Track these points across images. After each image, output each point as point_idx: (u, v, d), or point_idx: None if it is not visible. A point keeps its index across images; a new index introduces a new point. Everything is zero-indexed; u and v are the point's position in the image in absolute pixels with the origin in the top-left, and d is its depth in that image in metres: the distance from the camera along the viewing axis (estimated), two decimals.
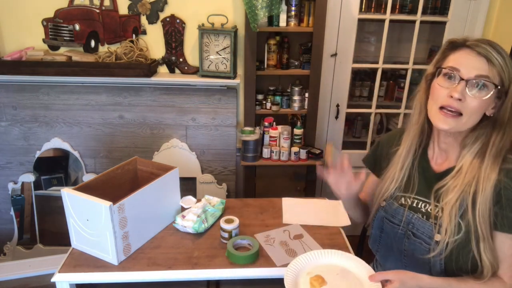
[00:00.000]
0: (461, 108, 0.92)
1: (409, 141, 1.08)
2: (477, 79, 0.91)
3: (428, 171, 1.07)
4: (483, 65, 0.91)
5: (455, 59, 0.95)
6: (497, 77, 0.91)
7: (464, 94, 0.91)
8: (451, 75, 0.94)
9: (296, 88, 2.45)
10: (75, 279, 1.35)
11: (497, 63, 0.90)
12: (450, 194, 0.97)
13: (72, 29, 2.24)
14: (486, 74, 0.90)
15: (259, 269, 1.39)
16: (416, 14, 2.50)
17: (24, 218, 2.58)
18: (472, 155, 0.96)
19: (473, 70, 0.91)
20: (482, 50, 0.92)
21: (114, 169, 1.61)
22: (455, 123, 0.94)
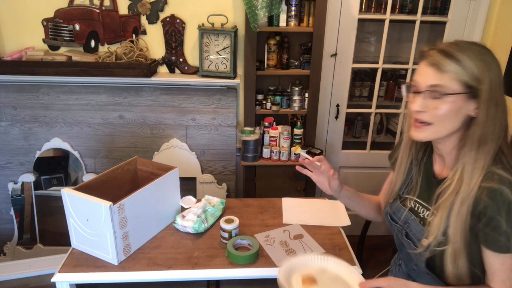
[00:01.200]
0: (427, 118, 0.94)
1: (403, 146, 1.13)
2: (429, 89, 0.92)
3: (430, 175, 1.09)
4: (434, 74, 0.92)
5: (417, 72, 0.98)
6: (453, 82, 0.91)
7: (425, 105, 0.93)
8: (413, 89, 0.97)
9: (296, 88, 2.45)
10: (75, 279, 1.35)
11: (449, 69, 0.90)
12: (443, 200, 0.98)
13: (72, 29, 2.24)
14: (437, 83, 0.91)
15: (259, 269, 1.39)
16: (416, 14, 2.50)
17: (24, 218, 2.58)
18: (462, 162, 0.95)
19: (425, 81, 0.93)
20: (432, 59, 0.92)
21: (114, 169, 1.61)
22: (427, 132, 0.96)
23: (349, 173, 2.89)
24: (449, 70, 0.90)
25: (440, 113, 0.92)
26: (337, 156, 2.84)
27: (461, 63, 0.90)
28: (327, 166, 1.19)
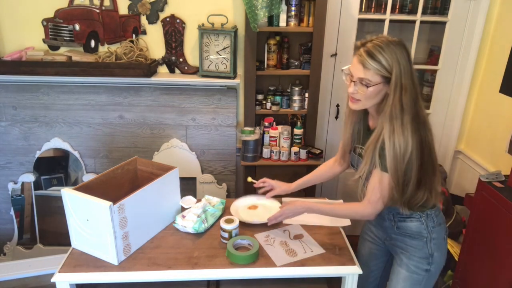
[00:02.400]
0: (358, 96, 1.34)
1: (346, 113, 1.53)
2: (358, 79, 1.31)
3: (366, 129, 1.50)
4: (361, 70, 1.29)
5: (352, 63, 1.33)
6: (375, 75, 1.28)
7: (356, 89, 1.33)
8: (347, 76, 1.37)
9: (296, 88, 2.45)
10: (75, 279, 1.35)
11: (370, 67, 1.27)
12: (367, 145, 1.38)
13: (72, 29, 2.24)
14: (363, 77, 1.29)
15: (259, 269, 1.39)
16: (416, 14, 2.50)
17: (24, 218, 2.58)
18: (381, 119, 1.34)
19: (355, 74, 1.31)
20: (360, 58, 1.28)
21: (114, 169, 1.61)
22: (357, 105, 1.37)
23: (349, 173, 2.88)
24: (371, 67, 1.27)
25: (365, 95, 1.32)
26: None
27: (379, 62, 1.26)
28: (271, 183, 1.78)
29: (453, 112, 2.72)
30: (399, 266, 1.50)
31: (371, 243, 1.66)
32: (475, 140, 2.63)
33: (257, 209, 1.75)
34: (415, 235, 1.45)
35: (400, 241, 1.50)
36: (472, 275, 2.04)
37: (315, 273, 1.40)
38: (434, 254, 1.45)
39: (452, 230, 2.30)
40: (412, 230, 1.45)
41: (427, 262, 1.45)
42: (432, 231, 1.45)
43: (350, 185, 2.92)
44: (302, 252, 1.46)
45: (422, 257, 1.45)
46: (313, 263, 1.41)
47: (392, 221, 1.50)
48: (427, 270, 1.46)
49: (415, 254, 1.46)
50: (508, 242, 1.79)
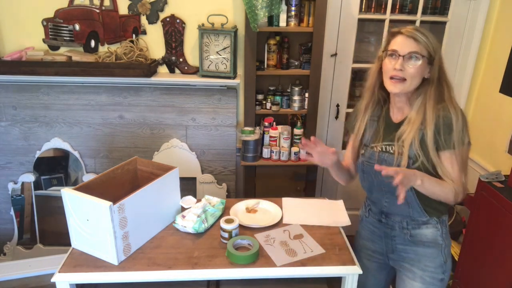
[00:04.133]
0: (404, 75, 1.29)
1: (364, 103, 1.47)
2: (409, 54, 1.28)
3: (390, 124, 1.42)
4: (412, 44, 1.28)
5: (394, 43, 1.32)
6: (424, 50, 1.28)
7: (403, 65, 1.28)
8: (392, 54, 1.31)
9: (296, 88, 2.45)
10: (75, 279, 1.35)
11: (421, 40, 1.27)
12: (407, 135, 1.33)
13: (72, 29, 2.24)
14: (415, 50, 1.28)
15: (259, 269, 1.39)
16: (416, 14, 2.50)
17: (24, 218, 2.58)
18: (417, 106, 1.34)
19: (405, 48, 1.29)
20: (410, 33, 1.28)
21: (114, 169, 1.61)
22: (402, 86, 1.31)
23: None
24: (422, 41, 1.28)
25: (413, 71, 1.28)
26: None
27: (428, 37, 1.29)
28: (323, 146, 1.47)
29: None
30: (411, 279, 1.43)
31: (368, 261, 1.58)
32: (475, 140, 2.60)
33: (257, 213, 1.75)
34: (430, 243, 1.40)
35: (411, 252, 1.43)
36: (472, 275, 2.04)
37: (315, 273, 1.40)
38: (447, 262, 1.41)
39: (452, 230, 2.29)
40: (428, 238, 1.40)
41: (442, 271, 1.40)
42: (446, 237, 1.41)
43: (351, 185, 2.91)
44: (302, 252, 1.46)
45: (437, 266, 1.40)
46: (313, 263, 1.41)
47: (404, 229, 1.42)
48: (441, 279, 1.41)
49: (429, 264, 1.40)
50: (508, 242, 1.79)
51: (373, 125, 1.46)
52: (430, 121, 1.30)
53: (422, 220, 1.40)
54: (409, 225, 1.42)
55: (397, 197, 1.17)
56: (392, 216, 1.45)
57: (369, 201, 1.57)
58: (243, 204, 1.78)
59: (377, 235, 1.52)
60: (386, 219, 1.47)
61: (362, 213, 1.63)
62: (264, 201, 1.80)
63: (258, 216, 1.71)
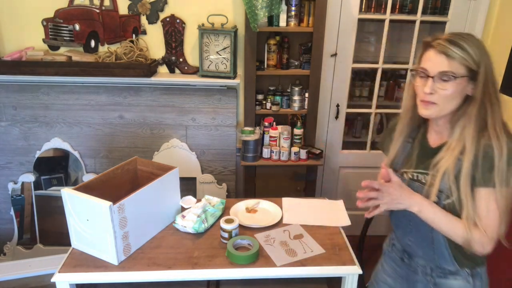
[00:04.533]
0: (435, 99, 1.10)
1: (400, 125, 1.28)
2: (439, 74, 1.08)
3: (426, 148, 1.24)
4: (443, 61, 1.07)
5: (424, 59, 1.13)
6: (460, 66, 1.06)
7: (433, 88, 1.09)
8: (422, 74, 1.12)
9: (296, 88, 2.45)
10: (75, 279, 1.35)
11: (456, 55, 1.05)
12: (442, 164, 1.14)
13: (72, 29, 2.24)
14: (446, 70, 1.06)
15: (259, 269, 1.39)
16: (416, 14, 2.50)
17: (24, 218, 2.58)
18: (459, 130, 1.13)
19: (436, 67, 1.08)
20: (441, 48, 1.07)
21: (114, 169, 1.61)
22: (433, 110, 1.12)
23: (349, 173, 2.89)
24: (456, 56, 1.05)
25: (446, 94, 1.08)
26: (337, 156, 2.84)
27: (465, 50, 1.05)
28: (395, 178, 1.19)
29: None
30: None
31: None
32: None
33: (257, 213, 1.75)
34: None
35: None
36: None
37: (315, 273, 1.40)
38: None
39: None
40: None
41: None
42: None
43: (351, 186, 2.92)
44: (302, 252, 1.46)
45: None
46: (313, 263, 1.41)
47: (428, 276, 1.26)
48: None
49: None
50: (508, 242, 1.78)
51: (406, 147, 1.28)
52: (469, 150, 1.09)
53: (449, 269, 1.20)
54: (433, 272, 1.23)
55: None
56: (416, 258, 1.29)
57: (394, 235, 1.42)
58: (243, 204, 1.78)
59: (399, 275, 1.38)
60: (409, 260, 1.32)
61: (386, 246, 1.49)
62: (264, 201, 1.80)
63: (258, 216, 1.71)
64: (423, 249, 1.23)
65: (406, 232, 1.29)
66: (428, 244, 1.21)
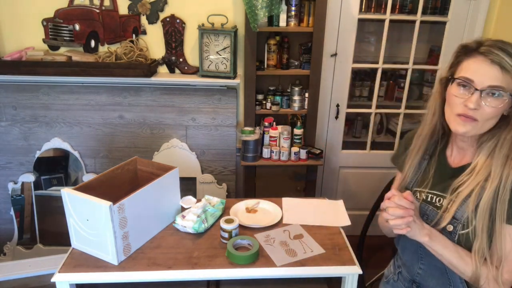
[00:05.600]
0: (477, 116, 0.95)
1: (420, 139, 1.13)
2: (490, 89, 0.92)
3: (445, 167, 1.10)
4: (497, 74, 0.92)
5: (469, 67, 0.96)
6: (511, 82, 0.92)
7: (479, 103, 0.93)
8: (465, 84, 0.96)
9: (296, 88, 2.45)
10: (75, 279, 1.35)
11: (510, 69, 0.91)
12: (463, 189, 1.01)
13: (72, 29, 2.24)
14: (500, 85, 0.92)
15: (259, 269, 1.39)
16: (416, 14, 2.50)
17: (24, 218, 2.58)
18: (487, 152, 1.00)
19: (486, 80, 0.92)
20: (496, 57, 0.91)
21: (114, 169, 1.61)
22: (471, 127, 0.97)
23: (349, 173, 2.89)
24: (511, 69, 0.91)
25: (488, 111, 0.94)
26: (337, 156, 2.84)
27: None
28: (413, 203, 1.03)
29: None
30: None
31: None
32: None
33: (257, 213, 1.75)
34: None
35: None
36: None
37: (315, 273, 1.40)
38: None
39: None
40: None
41: None
42: None
43: (351, 186, 2.92)
44: (302, 252, 1.46)
45: None
46: (313, 263, 1.41)
47: None
48: None
49: None
50: None
51: (422, 164, 1.14)
52: (495, 177, 0.97)
53: None
54: None
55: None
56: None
57: (400, 262, 1.26)
58: (243, 204, 1.79)
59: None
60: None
61: (389, 273, 1.35)
62: (264, 201, 1.80)
63: (258, 216, 1.71)
64: (436, 279, 1.10)
65: (415, 258, 1.15)
66: (441, 273, 1.09)
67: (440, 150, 1.12)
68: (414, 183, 1.15)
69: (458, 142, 1.08)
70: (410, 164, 1.15)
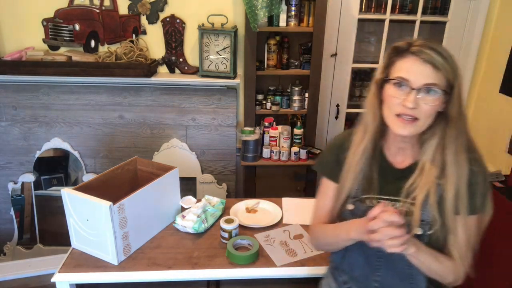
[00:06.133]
0: (417, 114, 0.96)
1: (364, 143, 1.07)
2: (425, 87, 0.94)
3: (390, 170, 1.08)
4: (430, 72, 0.94)
5: (402, 67, 0.97)
6: (443, 79, 0.95)
7: (417, 102, 0.95)
8: (401, 84, 0.96)
9: (296, 88, 2.45)
10: (75, 279, 1.35)
11: (442, 67, 0.94)
12: (418, 192, 1.01)
13: (72, 29, 2.24)
14: (433, 82, 0.94)
15: (259, 269, 1.39)
16: (416, 14, 2.50)
17: (24, 218, 2.58)
18: (432, 150, 1.01)
19: (421, 79, 0.94)
20: (427, 56, 0.94)
21: (114, 169, 1.61)
22: (413, 127, 0.98)
23: None
24: (442, 68, 0.94)
25: (427, 108, 0.96)
26: None
27: (447, 61, 0.94)
28: None
29: None
30: None
31: None
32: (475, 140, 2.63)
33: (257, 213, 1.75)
34: None
35: None
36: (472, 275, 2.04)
37: (315, 273, 1.40)
38: None
39: None
40: None
41: None
42: None
43: None
44: (302, 252, 1.46)
45: None
46: (313, 263, 1.41)
47: None
48: None
49: None
50: (508, 243, 1.79)
51: (367, 170, 1.08)
52: (451, 175, 0.99)
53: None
54: None
55: None
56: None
57: (346, 277, 1.16)
58: (243, 204, 1.79)
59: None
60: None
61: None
62: (264, 201, 1.80)
63: (258, 216, 1.71)
64: (396, 284, 1.07)
65: (369, 272, 1.09)
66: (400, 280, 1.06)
67: (378, 150, 1.09)
68: (359, 190, 1.08)
69: (398, 142, 1.06)
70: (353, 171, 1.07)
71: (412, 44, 0.97)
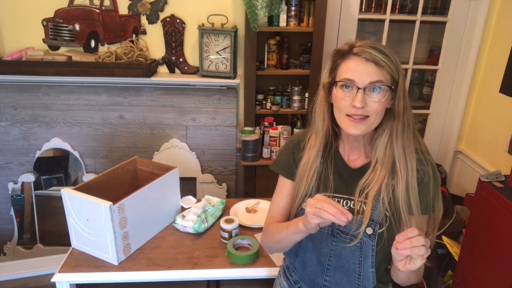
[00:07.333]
0: (366, 112, 0.98)
1: (316, 146, 1.10)
2: (371, 85, 0.96)
3: (345, 169, 1.11)
4: (374, 70, 0.96)
5: (347, 69, 1.00)
6: (387, 76, 0.98)
7: (365, 101, 0.97)
8: (348, 85, 0.99)
9: (296, 88, 2.45)
10: (75, 279, 1.35)
11: (384, 64, 0.96)
12: (370, 188, 1.03)
13: (72, 29, 2.24)
14: (378, 79, 0.96)
15: (259, 269, 1.39)
16: (416, 14, 2.50)
17: (24, 218, 2.58)
18: (383, 146, 1.03)
19: (366, 78, 0.96)
20: (369, 55, 0.96)
21: (114, 169, 1.62)
22: (364, 126, 0.99)
23: None
24: (385, 65, 0.96)
25: (376, 106, 0.98)
26: None
27: (389, 57, 0.97)
28: None
29: (453, 112, 2.72)
30: None
31: None
32: (475, 140, 2.63)
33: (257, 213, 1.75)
34: None
35: None
36: (472, 275, 2.04)
37: None
38: None
39: (452, 230, 2.30)
40: None
41: None
42: None
43: None
44: None
45: None
46: None
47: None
48: None
49: None
50: (508, 242, 1.79)
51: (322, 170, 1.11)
52: (402, 167, 1.01)
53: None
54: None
55: None
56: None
57: (297, 277, 1.18)
58: (243, 204, 1.79)
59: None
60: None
61: None
62: (264, 201, 1.80)
63: (258, 216, 1.71)
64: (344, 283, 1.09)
65: (319, 270, 1.11)
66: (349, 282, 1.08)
67: (334, 150, 1.12)
68: (315, 190, 1.10)
69: (351, 142, 1.09)
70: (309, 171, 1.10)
71: (353, 46, 1.00)
